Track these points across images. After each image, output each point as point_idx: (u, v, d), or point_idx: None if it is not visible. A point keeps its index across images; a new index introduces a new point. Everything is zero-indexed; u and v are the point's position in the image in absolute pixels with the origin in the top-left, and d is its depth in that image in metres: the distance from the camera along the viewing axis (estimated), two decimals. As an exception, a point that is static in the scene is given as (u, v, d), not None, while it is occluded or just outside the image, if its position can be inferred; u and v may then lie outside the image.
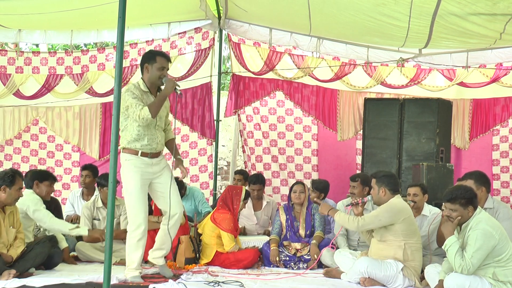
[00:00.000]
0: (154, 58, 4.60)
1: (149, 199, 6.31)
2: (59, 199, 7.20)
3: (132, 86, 4.58)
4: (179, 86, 4.62)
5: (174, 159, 4.79)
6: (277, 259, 5.52)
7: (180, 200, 4.91)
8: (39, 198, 5.27)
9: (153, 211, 5.80)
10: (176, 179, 6.83)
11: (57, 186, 7.70)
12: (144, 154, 4.58)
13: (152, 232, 5.69)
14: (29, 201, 5.12)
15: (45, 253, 4.92)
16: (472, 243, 3.96)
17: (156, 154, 4.68)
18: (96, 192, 6.24)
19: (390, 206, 4.66)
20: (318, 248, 5.51)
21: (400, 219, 4.62)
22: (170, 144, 4.91)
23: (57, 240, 5.30)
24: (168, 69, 4.70)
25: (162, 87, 4.65)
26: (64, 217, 6.61)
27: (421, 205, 5.37)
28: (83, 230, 5.25)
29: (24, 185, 5.04)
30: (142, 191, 4.58)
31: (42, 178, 5.41)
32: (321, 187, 6.42)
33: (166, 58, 4.68)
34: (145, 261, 5.58)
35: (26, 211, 5.10)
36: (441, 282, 4.16)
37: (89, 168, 6.62)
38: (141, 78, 4.68)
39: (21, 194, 4.84)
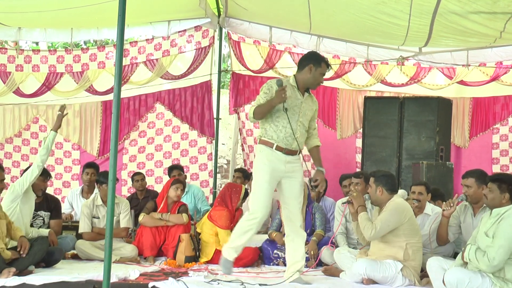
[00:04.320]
0: (320, 64, 4.50)
1: (154, 196, 6.35)
2: (59, 197, 7.21)
3: (286, 81, 4.53)
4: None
5: (316, 168, 4.58)
6: (284, 240, 5.35)
7: (300, 212, 4.66)
8: None
9: (157, 208, 5.80)
10: (177, 165, 6.86)
11: (57, 184, 7.76)
12: (279, 148, 4.45)
13: (154, 229, 5.71)
14: (14, 185, 5.20)
15: (44, 250, 4.90)
16: (502, 235, 3.85)
17: (291, 152, 4.48)
18: (96, 190, 6.25)
19: (395, 209, 4.59)
20: (317, 246, 5.51)
21: (406, 220, 4.59)
22: (314, 152, 4.69)
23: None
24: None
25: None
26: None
27: (423, 204, 5.35)
28: (51, 134, 5.39)
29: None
30: (269, 186, 4.42)
31: None
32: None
33: (328, 67, 4.61)
34: (144, 257, 5.62)
35: (20, 193, 5.14)
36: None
37: (94, 166, 6.72)
38: (294, 75, 4.58)
39: (4, 185, 4.86)
